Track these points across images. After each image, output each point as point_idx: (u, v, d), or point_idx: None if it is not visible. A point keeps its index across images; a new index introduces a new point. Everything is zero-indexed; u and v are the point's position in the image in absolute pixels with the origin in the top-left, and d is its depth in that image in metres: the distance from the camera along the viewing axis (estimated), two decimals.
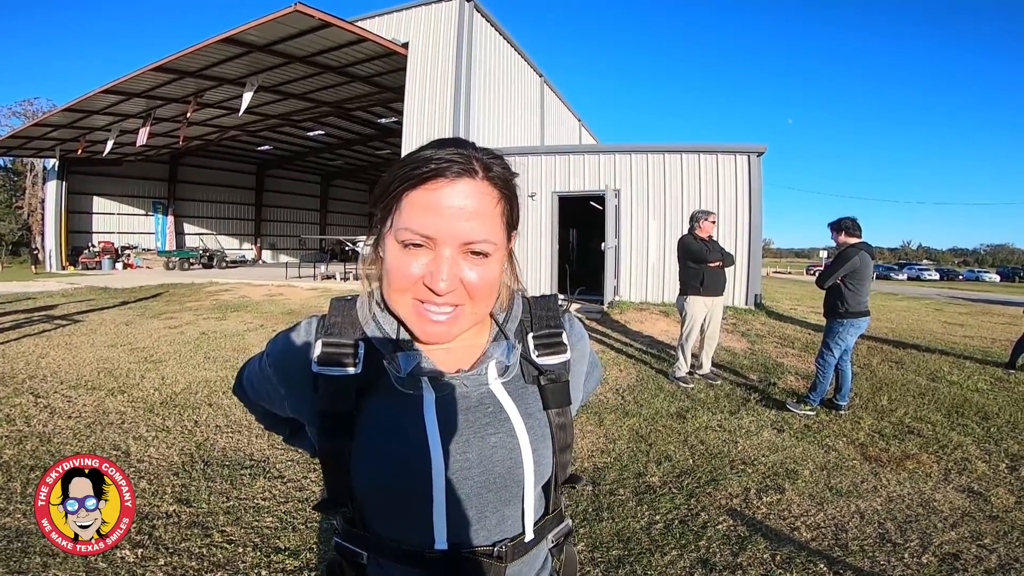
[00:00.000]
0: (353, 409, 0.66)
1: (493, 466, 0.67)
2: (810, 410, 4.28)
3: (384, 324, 0.70)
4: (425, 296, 0.64)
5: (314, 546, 2.38)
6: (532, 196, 10.82)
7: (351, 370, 0.67)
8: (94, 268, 20.86)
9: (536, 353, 0.73)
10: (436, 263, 0.62)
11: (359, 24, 12.29)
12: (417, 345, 0.70)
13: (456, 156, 0.62)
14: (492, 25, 13.36)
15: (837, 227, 4.47)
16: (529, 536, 0.72)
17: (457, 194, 0.62)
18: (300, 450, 1.00)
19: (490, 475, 0.67)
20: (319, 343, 0.68)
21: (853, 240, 4.38)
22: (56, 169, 21.05)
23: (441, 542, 0.67)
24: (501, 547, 0.69)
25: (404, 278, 0.64)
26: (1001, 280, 45.76)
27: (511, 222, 0.69)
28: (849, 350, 4.42)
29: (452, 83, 11.80)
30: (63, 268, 20.69)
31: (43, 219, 24.00)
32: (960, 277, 50.49)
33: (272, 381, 0.76)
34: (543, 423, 0.71)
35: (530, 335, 0.74)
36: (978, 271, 56.01)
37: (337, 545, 0.73)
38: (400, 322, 0.70)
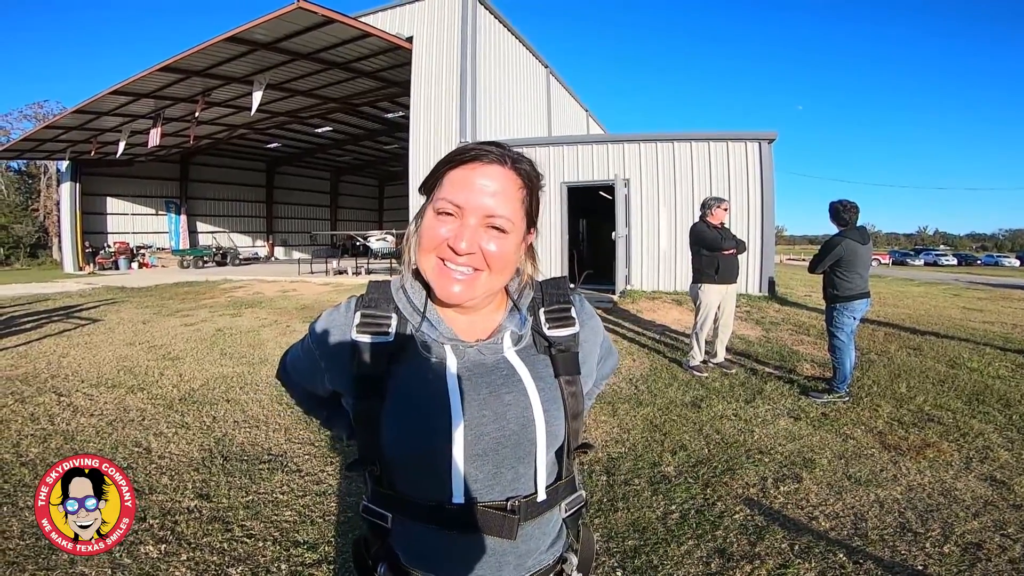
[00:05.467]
0: (385, 373, 0.75)
1: (507, 423, 0.74)
2: (838, 397, 4.27)
3: (413, 297, 0.79)
4: (448, 255, 0.74)
5: (332, 539, 2.40)
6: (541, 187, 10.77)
7: (385, 338, 0.76)
8: (110, 268, 21.14)
9: (547, 326, 0.82)
10: (461, 228, 0.74)
11: (363, 19, 12.26)
12: (441, 315, 0.79)
13: (493, 148, 0.76)
14: (496, 17, 13.27)
15: (829, 212, 4.56)
16: (541, 496, 0.77)
17: (487, 175, 0.75)
18: (336, 433, 1.05)
19: (504, 431, 0.74)
20: (358, 314, 0.78)
21: (841, 227, 4.46)
22: (69, 171, 21.31)
23: (459, 496, 0.72)
24: (514, 502, 0.75)
25: (433, 238, 0.75)
26: (1021, 264, 44.82)
27: (530, 213, 0.81)
28: (852, 333, 4.43)
29: (457, 76, 11.75)
30: (80, 269, 20.99)
31: (59, 221, 24.34)
32: (978, 262, 49.55)
33: (314, 356, 0.84)
34: (554, 387, 0.79)
35: (541, 310, 0.83)
36: (997, 256, 54.88)
37: (364, 508, 0.81)
38: (428, 290, 0.79)
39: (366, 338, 0.76)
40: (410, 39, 12.29)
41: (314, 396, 0.96)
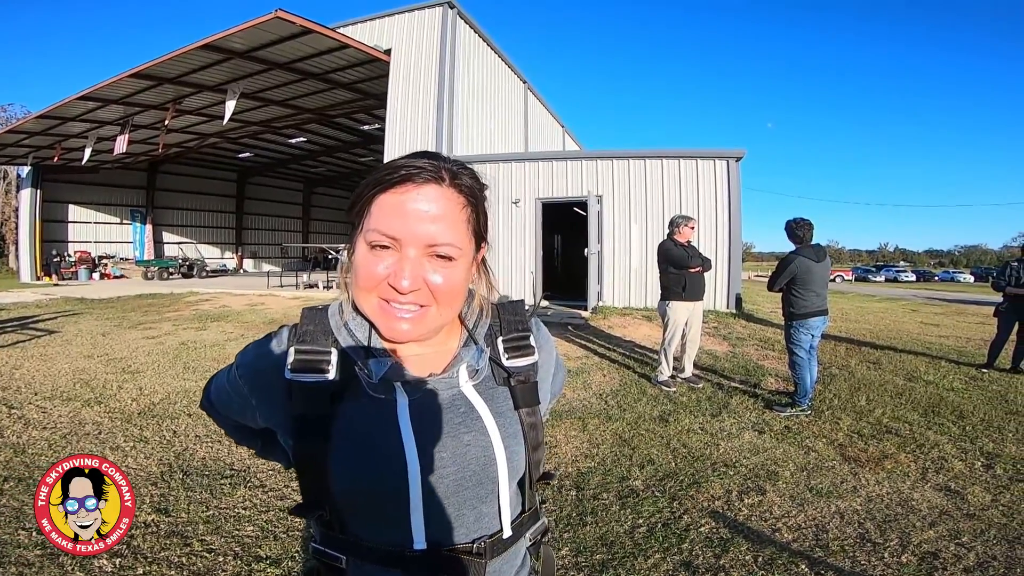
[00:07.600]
0: (328, 414, 0.67)
1: (468, 463, 0.69)
2: (801, 411, 4.36)
3: (356, 331, 0.71)
4: (390, 295, 0.66)
5: (296, 554, 2.35)
6: (516, 203, 10.85)
7: (325, 376, 0.68)
8: (70, 278, 20.41)
9: (506, 356, 0.76)
10: (400, 263, 0.65)
11: (341, 30, 12.25)
12: (388, 350, 0.71)
13: (426, 164, 0.66)
14: (475, 32, 13.41)
15: (785, 231, 4.72)
16: (507, 533, 0.73)
17: (422, 198, 0.65)
18: (274, 462, 1.00)
19: (465, 472, 0.69)
20: (292, 350, 0.69)
21: (797, 245, 4.61)
22: (30, 177, 20.58)
23: (420, 542, 0.68)
24: (480, 544, 0.70)
25: (370, 278, 0.66)
26: (975, 281, 46.88)
27: (478, 231, 0.71)
28: (813, 349, 4.54)
29: (435, 90, 11.80)
30: (38, 278, 20.21)
31: (17, 228, 23.45)
32: (936, 278, 51.64)
33: (243, 392, 0.76)
34: (514, 421, 0.74)
35: (500, 339, 0.76)
36: (953, 272, 57.30)
37: (315, 551, 0.73)
38: (371, 325, 0.71)
39: (303, 377, 0.67)
40: (388, 52, 12.32)
41: (245, 427, 0.88)
